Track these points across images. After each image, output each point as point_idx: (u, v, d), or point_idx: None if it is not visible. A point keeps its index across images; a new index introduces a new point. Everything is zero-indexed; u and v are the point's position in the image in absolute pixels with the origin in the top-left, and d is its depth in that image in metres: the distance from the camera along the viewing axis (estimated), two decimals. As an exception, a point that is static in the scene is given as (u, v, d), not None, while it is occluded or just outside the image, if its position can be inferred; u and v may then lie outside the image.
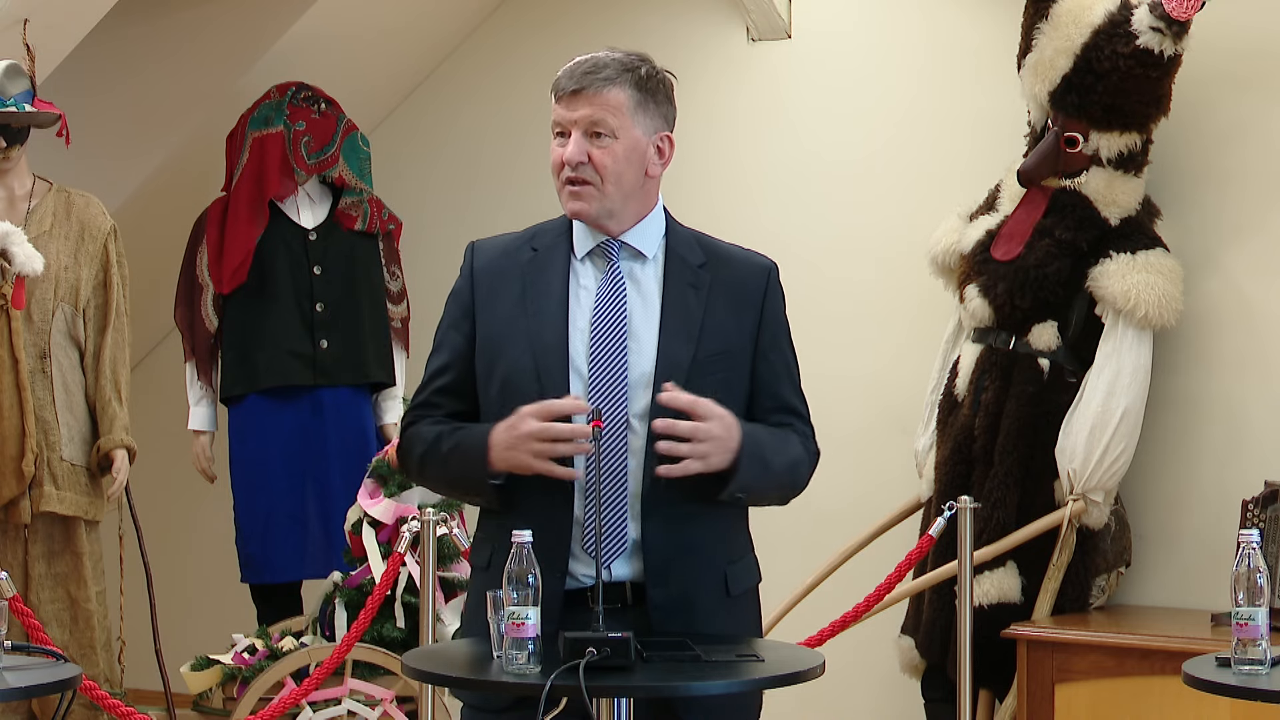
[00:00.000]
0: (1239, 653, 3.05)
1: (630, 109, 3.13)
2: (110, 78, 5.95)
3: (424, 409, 3.22)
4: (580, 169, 3.12)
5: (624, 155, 3.13)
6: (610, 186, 3.13)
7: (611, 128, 3.11)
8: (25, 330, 5.08)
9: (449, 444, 3.14)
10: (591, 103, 3.11)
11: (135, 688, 6.02)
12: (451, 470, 3.16)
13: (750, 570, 3.24)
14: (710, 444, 3.03)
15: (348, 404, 5.81)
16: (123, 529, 5.32)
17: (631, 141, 3.13)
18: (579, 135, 3.12)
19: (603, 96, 3.11)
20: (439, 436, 3.16)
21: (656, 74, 3.18)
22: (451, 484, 3.25)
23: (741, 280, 3.23)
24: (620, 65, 3.14)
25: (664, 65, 3.29)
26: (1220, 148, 5.25)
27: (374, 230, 5.93)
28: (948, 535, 4.74)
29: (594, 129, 3.11)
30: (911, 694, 5.33)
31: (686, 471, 3.03)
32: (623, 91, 3.12)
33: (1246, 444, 5.17)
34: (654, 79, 3.17)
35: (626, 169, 3.14)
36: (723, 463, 3.05)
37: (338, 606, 5.19)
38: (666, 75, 3.21)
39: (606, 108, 3.11)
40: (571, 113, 3.12)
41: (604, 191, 3.13)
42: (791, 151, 5.95)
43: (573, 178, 3.13)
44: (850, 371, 5.68)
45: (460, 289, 3.24)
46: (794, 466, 3.19)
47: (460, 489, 3.25)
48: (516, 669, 2.78)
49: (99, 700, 4.45)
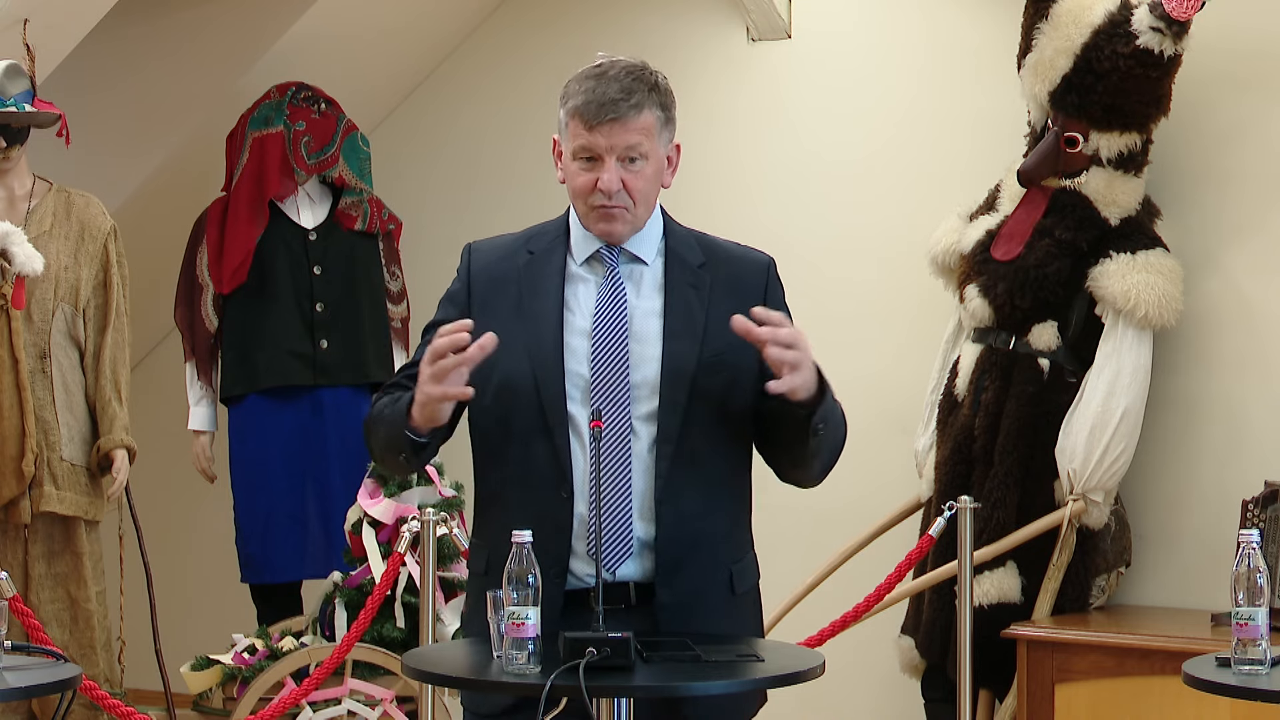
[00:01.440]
0: (1239, 653, 3.05)
1: (657, 130, 3.13)
2: (110, 78, 5.95)
3: (392, 389, 3.20)
4: (617, 196, 3.12)
5: (653, 175, 3.15)
6: (641, 209, 3.15)
7: (644, 151, 3.11)
8: (25, 330, 5.08)
9: (384, 413, 3.13)
10: (628, 129, 3.09)
11: (135, 688, 6.02)
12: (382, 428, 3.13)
13: (752, 568, 3.25)
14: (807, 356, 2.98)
15: (348, 404, 5.81)
16: (123, 529, 5.32)
17: (658, 160, 3.15)
18: (614, 162, 3.10)
19: (639, 123, 3.10)
20: (383, 403, 3.16)
21: (666, 83, 3.17)
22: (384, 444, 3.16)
23: (741, 278, 3.23)
24: (642, 84, 3.11)
25: (664, 65, 3.30)
26: (1220, 148, 5.25)
27: (374, 230, 5.93)
28: (948, 535, 4.74)
29: (629, 154, 3.11)
30: (911, 694, 5.33)
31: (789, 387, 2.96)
32: (652, 114, 3.12)
33: (1246, 444, 5.17)
34: (668, 91, 3.16)
35: (653, 189, 3.16)
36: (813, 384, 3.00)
37: (338, 606, 5.19)
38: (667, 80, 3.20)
39: (642, 132, 3.11)
40: (607, 140, 3.09)
41: (635, 215, 3.14)
42: (791, 151, 5.95)
43: (608, 205, 3.12)
44: (850, 372, 5.67)
45: (456, 292, 3.23)
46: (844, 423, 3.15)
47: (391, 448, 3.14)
48: (516, 669, 2.78)
49: (99, 700, 4.45)
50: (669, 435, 3.09)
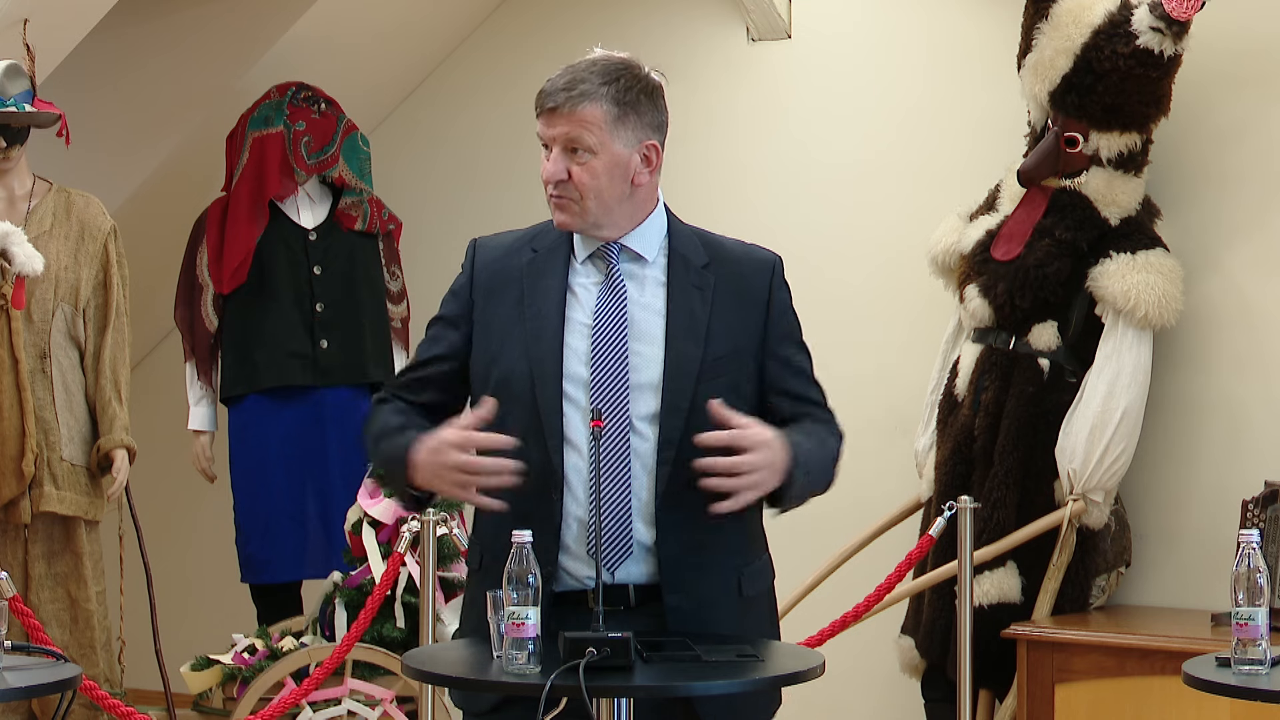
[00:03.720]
0: (1239, 653, 3.05)
1: (608, 124, 3.08)
2: (110, 77, 5.95)
3: (398, 389, 3.23)
4: (561, 186, 3.10)
5: (604, 171, 3.10)
6: (590, 202, 3.11)
7: (589, 144, 3.08)
8: (25, 330, 5.08)
9: (387, 443, 3.14)
10: (568, 120, 3.08)
11: (135, 688, 6.01)
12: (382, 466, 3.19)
13: (765, 571, 3.23)
14: (761, 474, 3.01)
15: (348, 404, 5.81)
16: (123, 529, 5.32)
17: (611, 157, 3.10)
18: (559, 152, 3.10)
19: (578, 114, 3.08)
20: (385, 430, 3.16)
21: (638, 83, 3.12)
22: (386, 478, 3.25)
23: (746, 278, 3.21)
24: (599, 78, 3.09)
25: (664, 65, 3.26)
26: (1220, 148, 5.25)
27: (374, 230, 5.93)
28: (948, 535, 4.74)
29: (571, 145, 3.09)
30: (911, 694, 5.32)
31: (742, 505, 3.02)
32: (598, 107, 3.08)
33: (1246, 444, 5.17)
34: (634, 89, 3.11)
35: (608, 184, 3.11)
36: (775, 484, 3.05)
37: (338, 606, 5.19)
38: (652, 80, 3.15)
39: (583, 125, 3.08)
40: (550, 129, 3.10)
41: (583, 207, 3.11)
42: (791, 152, 5.94)
43: (554, 194, 3.12)
44: (850, 371, 5.68)
45: (460, 287, 3.23)
46: (834, 459, 3.20)
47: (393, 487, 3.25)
48: (516, 669, 2.78)
49: (99, 700, 4.45)
50: (671, 438, 3.08)
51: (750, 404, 3.14)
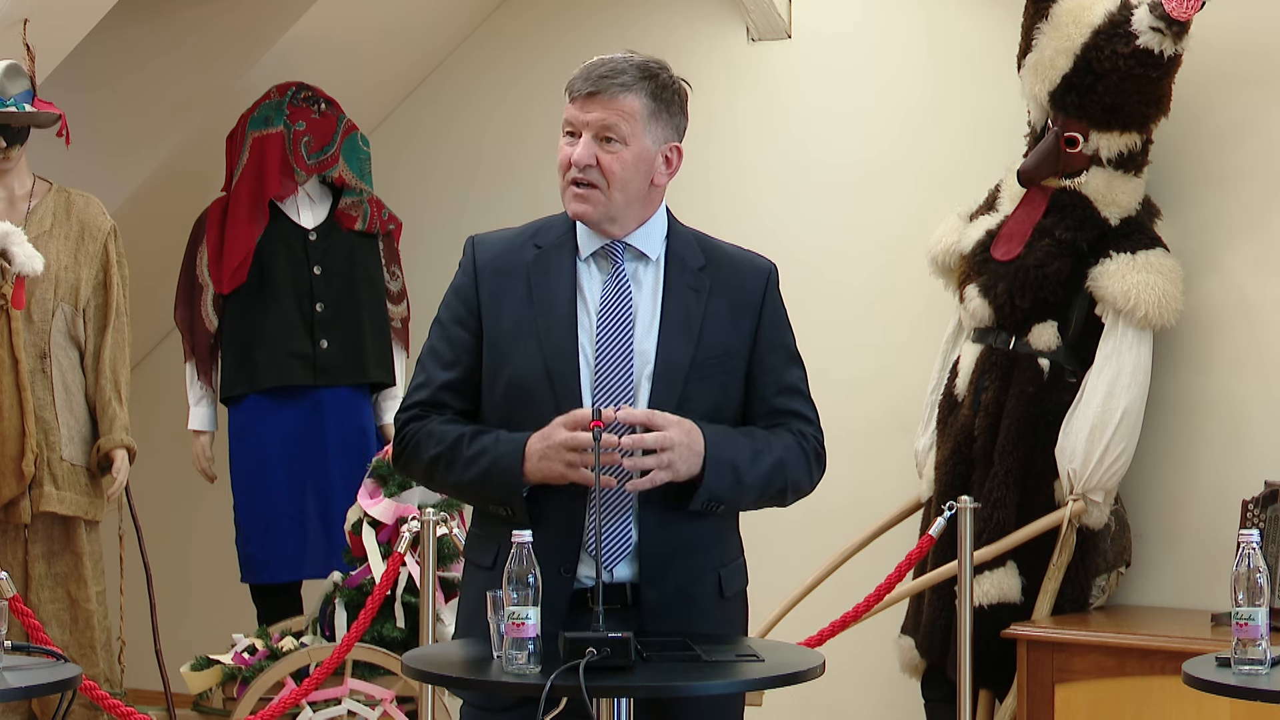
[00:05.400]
0: (1239, 653, 3.05)
1: (644, 117, 3.12)
2: (110, 77, 5.95)
3: (429, 406, 3.17)
4: (587, 171, 3.11)
5: (632, 162, 3.12)
6: (616, 192, 3.12)
7: (623, 134, 3.10)
8: (25, 330, 5.08)
9: (473, 449, 3.09)
10: (606, 107, 3.10)
11: (135, 688, 6.02)
12: (471, 475, 3.09)
13: (741, 573, 3.24)
14: (674, 452, 3.01)
15: (348, 404, 5.81)
16: (123, 529, 5.32)
17: (641, 149, 3.12)
18: (589, 138, 3.10)
19: (617, 102, 3.10)
20: (459, 439, 3.11)
21: (673, 83, 3.17)
22: (466, 489, 3.13)
23: (741, 283, 3.22)
24: (638, 71, 3.12)
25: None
26: (1220, 148, 5.25)
27: (374, 230, 5.93)
28: (948, 535, 4.74)
29: (605, 133, 3.10)
30: (911, 694, 5.33)
31: (654, 483, 3.02)
32: (638, 99, 3.11)
33: (1246, 444, 5.17)
34: (670, 88, 3.15)
35: (633, 176, 3.13)
36: (691, 469, 3.03)
37: (338, 606, 5.19)
38: (682, 85, 3.20)
39: (620, 113, 3.10)
40: (584, 114, 3.11)
41: (609, 196, 3.12)
42: (791, 151, 5.94)
43: (579, 179, 3.11)
44: (850, 372, 5.69)
45: (463, 285, 3.21)
46: (778, 468, 3.14)
47: (478, 496, 3.14)
48: (516, 669, 2.78)
49: (99, 700, 4.44)
50: None
51: (738, 406, 3.16)
